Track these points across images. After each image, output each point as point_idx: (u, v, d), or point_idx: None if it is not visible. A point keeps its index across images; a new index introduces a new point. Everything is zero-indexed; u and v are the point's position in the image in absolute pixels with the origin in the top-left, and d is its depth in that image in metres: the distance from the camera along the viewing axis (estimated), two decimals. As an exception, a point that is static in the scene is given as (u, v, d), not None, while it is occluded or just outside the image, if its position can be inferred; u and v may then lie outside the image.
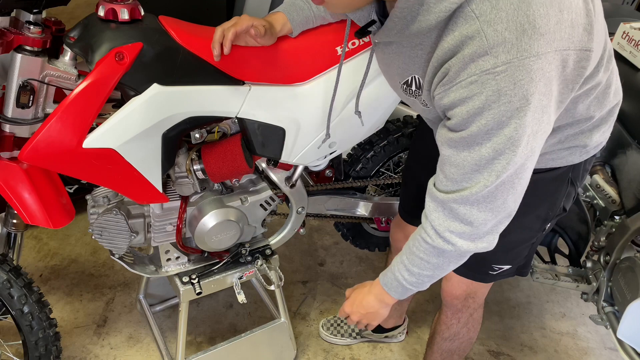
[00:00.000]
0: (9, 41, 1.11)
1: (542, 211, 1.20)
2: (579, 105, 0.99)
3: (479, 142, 0.86)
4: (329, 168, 1.77)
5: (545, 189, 1.17)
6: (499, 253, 1.25)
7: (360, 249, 2.16)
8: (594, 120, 1.05)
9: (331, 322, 1.93)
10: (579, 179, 1.19)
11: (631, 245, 1.59)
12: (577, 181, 1.19)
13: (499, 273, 1.30)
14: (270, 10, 1.60)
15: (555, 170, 1.14)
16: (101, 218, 1.36)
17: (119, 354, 1.81)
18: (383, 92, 1.42)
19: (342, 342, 1.90)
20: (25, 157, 1.14)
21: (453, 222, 0.97)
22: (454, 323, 1.45)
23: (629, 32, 1.58)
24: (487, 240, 1.00)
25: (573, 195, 1.21)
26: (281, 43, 1.30)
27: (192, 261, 1.56)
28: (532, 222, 1.22)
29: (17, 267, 1.38)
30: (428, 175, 1.36)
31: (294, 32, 1.28)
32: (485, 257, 1.27)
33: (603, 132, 1.11)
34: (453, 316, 1.44)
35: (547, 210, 1.20)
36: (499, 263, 1.28)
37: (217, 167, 1.36)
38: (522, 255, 1.29)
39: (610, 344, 2.01)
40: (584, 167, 1.19)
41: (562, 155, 1.11)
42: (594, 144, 1.11)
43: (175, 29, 1.20)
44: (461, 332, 1.45)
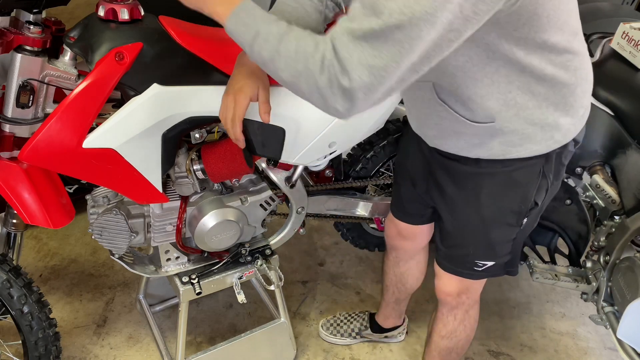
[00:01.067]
0: (9, 41, 1.11)
1: (514, 204, 1.20)
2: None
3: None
4: (329, 168, 1.77)
5: (516, 181, 1.18)
6: (480, 249, 1.28)
7: (360, 249, 2.16)
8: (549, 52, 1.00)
9: (331, 322, 1.94)
10: (551, 172, 1.19)
11: (631, 245, 1.59)
12: (549, 174, 1.18)
13: (484, 269, 1.31)
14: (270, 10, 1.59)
15: (527, 160, 1.14)
16: (101, 218, 1.36)
17: (118, 354, 1.81)
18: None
19: (342, 342, 1.90)
20: (25, 157, 1.14)
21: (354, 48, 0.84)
22: (450, 320, 1.45)
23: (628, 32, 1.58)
24: (354, 80, 0.85)
25: (545, 188, 1.21)
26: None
27: (192, 261, 1.56)
28: (507, 217, 1.22)
29: (16, 267, 1.37)
30: (415, 173, 1.38)
31: None
32: (468, 254, 1.30)
33: (570, 115, 1.10)
34: (449, 313, 1.45)
35: (519, 203, 1.20)
36: (482, 259, 1.29)
37: (217, 167, 1.36)
38: (505, 252, 1.29)
39: (610, 344, 2.01)
40: (559, 161, 1.18)
41: (529, 134, 1.09)
42: (563, 129, 1.10)
43: (175, 29, 1.20)
44: (458, 329, 1.46)
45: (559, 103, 1.07)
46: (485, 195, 1.20)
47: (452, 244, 1.32)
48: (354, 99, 0.86)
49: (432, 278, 1.45)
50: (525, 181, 1.18)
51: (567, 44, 1.01)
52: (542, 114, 1.07)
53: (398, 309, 1.82)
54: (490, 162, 1.16)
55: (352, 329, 1.90)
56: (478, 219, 1.23)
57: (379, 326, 1.88)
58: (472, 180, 1.21)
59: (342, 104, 0.88)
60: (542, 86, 1.03)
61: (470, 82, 1.01)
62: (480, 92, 1.03)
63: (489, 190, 1.20)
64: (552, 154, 1.15)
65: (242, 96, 1.11)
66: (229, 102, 1.12)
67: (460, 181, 1.23)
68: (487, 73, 1.00)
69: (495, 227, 1.24)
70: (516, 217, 1.23)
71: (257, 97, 1.12)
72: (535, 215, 1.27)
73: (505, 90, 1.02)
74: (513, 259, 1.32)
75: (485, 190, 1.20)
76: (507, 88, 1.02)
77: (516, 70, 1.00)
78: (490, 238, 1.26)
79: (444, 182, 1.27)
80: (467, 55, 0.97)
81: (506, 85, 1.02)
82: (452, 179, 1.25)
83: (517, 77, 1.01)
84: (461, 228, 1.29)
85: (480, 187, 1.20)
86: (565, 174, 1.67)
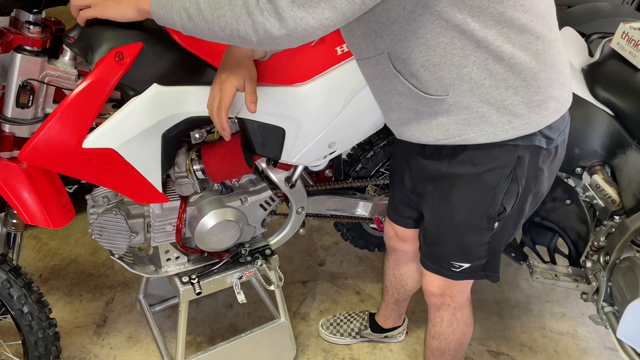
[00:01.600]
0: (9, 41, 1.11)
1: (483, 208, 1.19)
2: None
3: None
4: (329, 168, 1.77)
5: (485, 184, 1.16)
6: (453, 250, 1.28)
7: (360, 249, 2.16)
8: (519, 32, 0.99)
9: (330, 322, 1.94)
10: (524, 177, 1.16)
11: (631, 245, 1.59)
12: (521, 179, 1.16)
13: (461, 270, 1.30)
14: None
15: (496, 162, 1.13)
16: (101, 218, 1.36)
17: (118, 354, 1.81)
18: (383, 92, 1.42)
19: (342, 342, 1.90)
20: (25, 157, 1.14)
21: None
22: (437, 322, 1.46)
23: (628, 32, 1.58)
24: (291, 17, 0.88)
25: (516, 193, 1.17)
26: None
27: (191, 261, 1.56)
28: (477, 220, 1.21)
29: (16, 267, 1.37)
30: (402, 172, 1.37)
31: (267, 56, 1.24)
32: (444, 254, 1.30)
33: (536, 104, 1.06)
34: (435, 314, 1.45)
35: (487, 206, 1.19)
36: (457, 260, 1.29)
37: (217, 167, 1.36)
38: (480, 255, 1.28)
39: (610, 344, 2.01)
40: (535, 165, 1.15)
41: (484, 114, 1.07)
42: (525, 117, 1.07)
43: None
44: (446, 332, 1.46)
45: (519, 87, 1.04)
46: (456, 197, 1.20)
47: (430, 242, 1.33)
48: (281, 12, 0.87)
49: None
50: (494, 183, 1.16)
51: (529, 24, 0.99)
52: (500, 95, 1.04)
53: (398, 310, 1.82)
54: (459, 159, 1.15)
55: (352, 328, 1.90)
56: (450, 219, 1.24)
57: (379, 326, 1.88)
58: (445, 180, 1.21)
59: (272, 21, 0.88)
60: (500, 65, 1.01)
61: (423, 49, 1.00)
62: (433, 60, 1.01)
63: (459, 192, 1.20)
64: (523, 157, 1.12)
65: (228, 85, 1.13)
66: (215, 92, 1.15)
67: (434, 181, 1.24)
68: (441, 43, 0.99)
69: (467, 229, 1.24)
70: (486, 221, 1.21)
71: (244, 87, 1.13)
72: (509, 221, 1.24)
73: (459, 64, 1.01)
74: (490, 263, 1.30)
75: (456, 192, 1.20)
76: (462, 62, 1.01)
77: (472, 43, 0.98)
78: (462, 239, 1.26)
79: (421, 182, 1.28)
80: (420, 22, 0.96)
81: (461, 58, 1.00)
82: (428, 178, 1.25)
83: (472, 51, 0.99)
84: (437, 227, 1.29)
85: (452, 188, 1.20)
86: (565, 174, 1.67)
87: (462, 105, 1.06)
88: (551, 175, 1.23)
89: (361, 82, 1.38)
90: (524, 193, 1.19)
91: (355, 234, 2.04)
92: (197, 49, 1.21)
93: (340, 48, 1.34)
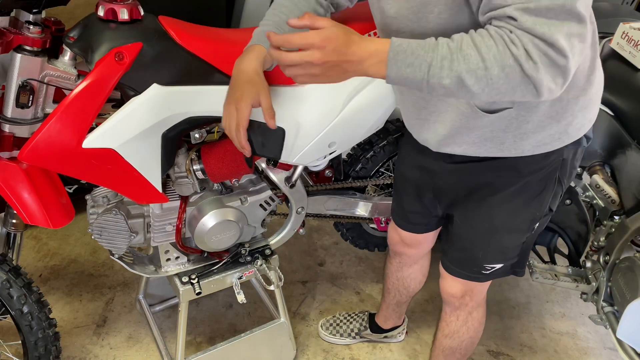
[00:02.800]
0: (9, 41, 1.11)
1: (530, 212, 1.20)
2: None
3: None
4: (329, 168, 1.77)
5: (533, 190, 1.16)
6: (489, 254, 1.27)
7: (360, 249, 2.16)
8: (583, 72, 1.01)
9: (330, 322, 1.94)
10: (566, 176, 1.18)
11: (631, 245, 1.59)
12: (564, 179, 1.18)
13: (491, 272, 1.30)
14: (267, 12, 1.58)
15: (543, 170, 1.13)
16: (101, 218, 1.36)
17: (118, 354, 1.81)
18: (382, 92, 1.42)
19: (342, 342, 1.90)
20: (24, 157, 1.14)
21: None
22: (453, 320, 1.45)
23: (628, 32, 1.58)
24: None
25: (560, 194, 1.20)
26: (281, 43, 1.30)
27: (191, 261, 1.56)
28: (521, 223, 1.22)
29: (16, 267, 1.37)
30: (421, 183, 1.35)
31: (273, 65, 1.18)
32: (477, 258, 1.28)
33: (589, 107, 1.08)
34: (452, 313, 1.44)
35: (534, 210, 1.20)
36: (490, 262, 1.28)
37: (217, 167, 1.36)
38: (514, 255, 1.29)
39: (609, 344, 2.01)
40: (572, 164, 1.17)
41: (544, 127, 1.06)
42: (577, 124, 1.08)
43: (175, 29, 1.20)
44: (461, 330, 1.45)
45: (579, 95, 1.04)
46: (497, 202, 1.19)
47: (460, 247, 1.31)
48: (567, 71, 0.83)
49: (433, 279, 1.45)
50: (540, 188, 1.16)
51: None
52: (562, 107, 1.03)
53: (398, 311, 1.82)
54: (502, 167, 1.14)
55: (352, 329, 1.90)
56: (490, 224, 1.23)
57: (379, 327, 1.88)
58: (485, 187, 1.19)
59: (558, 80, 0.84)
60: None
61: None
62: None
63: (502, 198, 1.18)
64: (567, 159, 1.13)
65: (244, 104, 1.08)
66: (231, 111, 1.10)
67: (472, 188, 1.22)
68: None
69: (507, 233, 1.23)
70: (529, 224, 1.22)
71: (259, 103, 1.09)
72: (547, 219, 1.26)
73: None
74: (521, 260, 1.31)
75: (498, 198, 1.18)
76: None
77: None
78: (501, 243, 1.25)
79: (455, 190, 1.26)
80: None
81: None
82: (462, 185, 1.23)
83: None
84: (472, 233, 1.27)
85: (494, 194, 1.19)
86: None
87: (524, 120, 1.04)
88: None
89: (361, 82, 1.38)
90: (564, 190, 1.20)
91: (355, 234, 2.04)
92: (197, 49, 1.21)
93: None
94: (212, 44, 1.23)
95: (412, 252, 1.56)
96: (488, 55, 0.83)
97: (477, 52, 0.83)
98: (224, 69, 1.24)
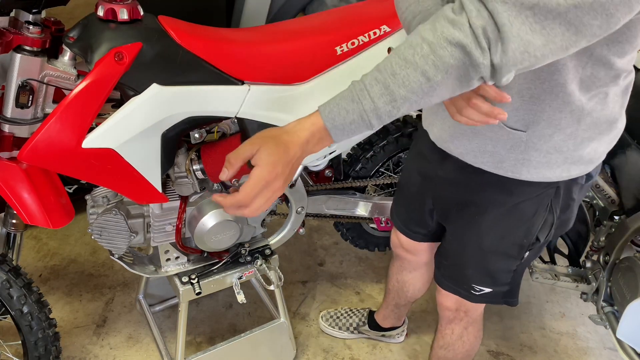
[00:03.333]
0: (8, 41, 1.11)
1: (518, 237, 1.16)
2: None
3: None
4: (329, 168, 1.77)
5: (522, 214, 1.13)
6: (478, 274, 1.25)
7: (360, 249, 2.16)
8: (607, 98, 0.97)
9: (331, 314, 1.95)
10: (559, 206, 1.13)
11: (630, 245, 1.59)
12: (556, 208, 1.13)
13: (481, 294, 1.28)
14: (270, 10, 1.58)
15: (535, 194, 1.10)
16: (100, 218, 1.36)
17: (118, 354, 1.81)
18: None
19: (340, 335, 1.91)
20: (24, 157, 1.14)
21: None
22: (448, 333, 1.43)
23: (628, 32, 1.58)
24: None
25: (551, 223, 1.15)
26: (280, 43, 1.30)
27: (191, 261, 1.56)
28: (509, 248, 1.19)
29: (16, 267, 1.37)
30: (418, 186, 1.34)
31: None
32: (466, 276, 1.27)
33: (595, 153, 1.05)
34: (447, 326, 1.43)
35: (522, 236, 1.16)
36: (479, 284, 1.26)
37: (217, 167, 1.36)
38: (504, 282, 1.25)
39: (609, 344, 2.01)
40: (568, 195, 1.13)
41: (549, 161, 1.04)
42: (584, 163, 1.06)
43: (174, 29, 1.20)
44: (456, 344, 1.43)
45: (594, 139, 1.02)
46: (486, 223, 1.17)
47: (452, 262, 1.30)
48: (499, 74, 0.78)
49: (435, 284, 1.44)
50: (531, 214, 1.13)
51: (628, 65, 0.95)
52: (574, 145, 1.01)
53: (397, 312, 1.81)
54: (496, 188, 1.12)
55: (351, 323, 1.91)
56: (478, 245, 1.21)
57: (377, 324, 1.88)
58: (475, 205, 1.18)
59: (487, 75, 0.79)
60: (590, 117, 0.98)
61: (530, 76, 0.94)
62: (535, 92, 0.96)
63: (491, 219, 1.16)
64: (560, 186, 1.10)
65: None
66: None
67: (463, 203, 1.20)
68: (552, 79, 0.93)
69: (495, 256, 1.21)
70: (517, 250, 1.19)
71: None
72: (538, 250, 1.22)
73: (558, 107, 0.96)
74: (512, 289, 1.28)
75: (487, 218, 1.17)
76: (562, 107, 0.96)
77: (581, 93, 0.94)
78: (489, 265, 1.23)
79: (449, 203, 1.25)
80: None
81: (562, 103, 0.96)
82: (457, 202, 1.22)
83: (576, 99, 0.95)
84: (461, 250, 1.26)
85: (484, 214, 1.17)
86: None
87: (533, 147, 1.02)
88: (578, 204, 1.19)
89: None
90: (555, 222, 1.16)
91: (355, 234, 2.04)
92: (197, 49, 1.21)
93: (340, 48, 1.34)
94: (212, 43, 1.23)
95: (411, 257, 1.55)
96: (426, 66, 0.78)
97: (414, 70, 0.79)
98: (223, 68, 1.24)
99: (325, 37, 1.33)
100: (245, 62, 1.25)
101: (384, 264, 2.27)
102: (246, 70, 1.26)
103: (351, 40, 1.34)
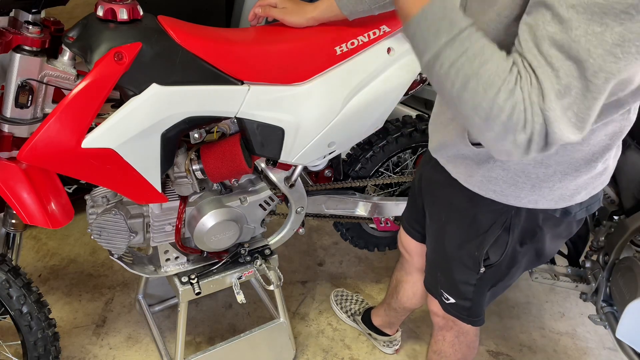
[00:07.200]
0: (8, 41, 1.11)
1: (471, 248, 1.16)
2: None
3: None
4: (328, 168, 1.77)
5: (478, 224, 1.13)
6: (445, 280, 1.27)
7: (360, 249, 2.16)
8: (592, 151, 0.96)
9: (341, 294, 2.04)
10: (518, 229, 1.09)
11: (630, 245, 1.59)
12: (515, 229, 1.09)
13: (450, 304, 1.29)
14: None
15: (497, 206, 1.08)
16: (100, 218, 1.36)
17: (118, 354, 1.81)
18: (382, 92, 1.42)
19: (340, 316, 2.00)
20: (24, 157, 1.14)
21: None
22: (440, 340, 1.43)
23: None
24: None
25: (505, 242, 1.12)
26: (280, 43, 1.30)
27: (191, 261, 1.56)
28: (466, 258, 1.19)
29: (16, 267, 1.37)
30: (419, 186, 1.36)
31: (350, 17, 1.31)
32: (438, 282, 1.29)
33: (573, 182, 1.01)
34: (438, 332, 1.43)
35: (475, 248, 1.16)
36: (447, 291, 1.28)
37: (216, 167, 1.36)
38: (466, 296, 1.25)
39: (609, 344, 2.01)
40: (535, 223, 1.09)
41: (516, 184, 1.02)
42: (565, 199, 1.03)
43: (174, 28, 1.20)
44: (448, 351, 1.43)
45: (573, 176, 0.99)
46: (451, 230, 1.20)
47: (429, 264, 1.34)
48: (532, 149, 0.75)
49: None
50: (485, 227, 1.12)
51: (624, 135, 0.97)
52: (551, 181, 0.99)
53: (389, 315, 1.80)
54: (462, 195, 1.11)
55: (351, 308, 1.97)
56: (443, 249, 1.24)
57: (368, 319, 1.88)
58: (445, 212, 1.21)
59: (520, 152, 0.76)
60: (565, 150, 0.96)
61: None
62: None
63: (454, 225, 1.19)
64: (523, 209, 1.06)
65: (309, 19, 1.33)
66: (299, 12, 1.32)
67: (440, 209, 1.23)
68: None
69: (455, 263, 1.22)
70: (472, 262, 1.18)
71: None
72: (498, 271, 1.18)
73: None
74: (474, 308, 1.27)
75: (452, 226, 1.19)
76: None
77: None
78: (452, 273, 1.24)
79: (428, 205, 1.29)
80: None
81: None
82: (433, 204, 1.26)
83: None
84: (433, 252, 1.30)
85: (449, 219, 1.20)
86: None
87: (510, 168, 1.01)
88: (556, 239, 1.15)
89: (360, 82, 1.38)
90: (516, 245, 1.13)
91: (354, 234, 2.04)
92: (197, 48, 1.21)
93: (339, 48, 1.34)
94: (211, 43, 1.23)
95: (407, 258, 1.56)
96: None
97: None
98: (223, 68, 1.24)
99: (325, 37, 1.33)
100: (244, 62, 1.25)
101: (384, 264, 2.27)
102: (246, 70, 1.26)
103: (351, 40, 1.34)
